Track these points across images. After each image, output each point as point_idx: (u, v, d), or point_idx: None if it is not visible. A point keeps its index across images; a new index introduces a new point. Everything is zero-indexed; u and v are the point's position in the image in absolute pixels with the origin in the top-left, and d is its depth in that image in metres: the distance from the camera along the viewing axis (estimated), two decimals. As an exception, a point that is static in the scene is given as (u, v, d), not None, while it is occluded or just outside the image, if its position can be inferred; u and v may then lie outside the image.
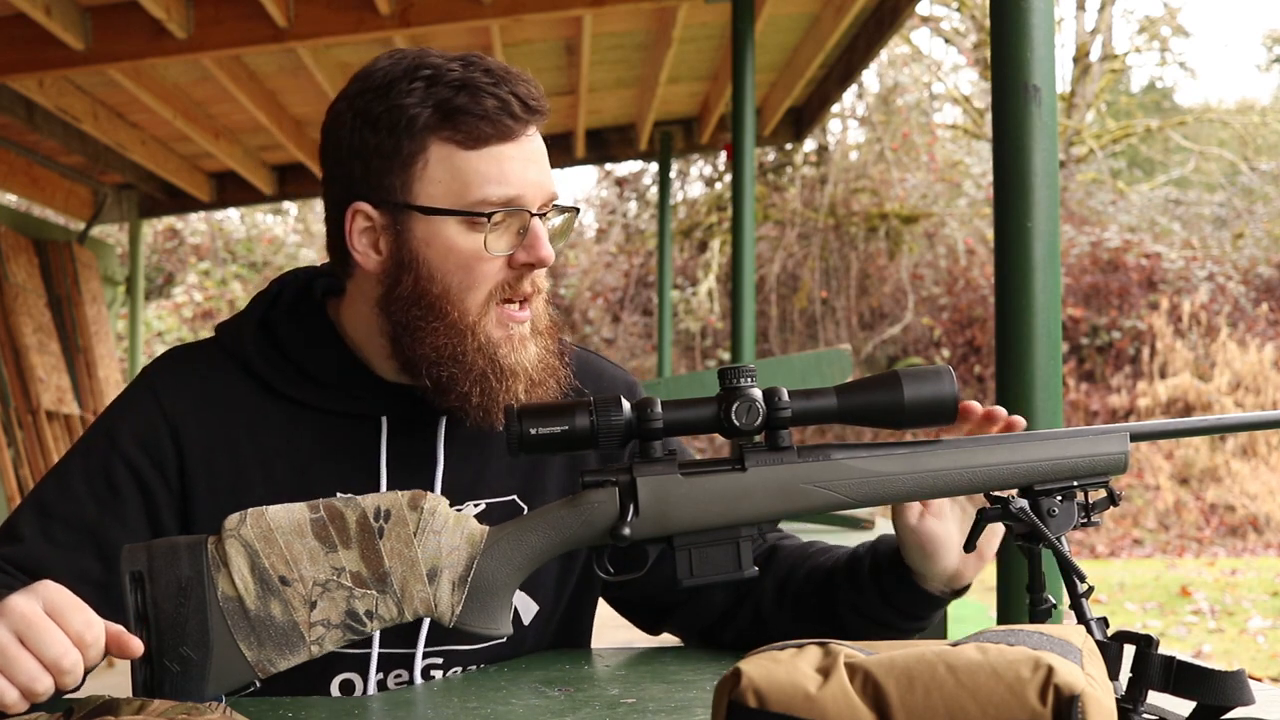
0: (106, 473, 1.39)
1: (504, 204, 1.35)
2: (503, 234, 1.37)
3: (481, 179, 1.35)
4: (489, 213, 1.35)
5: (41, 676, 1.09)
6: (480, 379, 1.37)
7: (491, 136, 1.35)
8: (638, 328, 13.37)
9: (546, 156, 1.41)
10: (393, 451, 1.42)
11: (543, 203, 1.38)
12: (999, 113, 1.85)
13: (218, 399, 1.43)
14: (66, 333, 6.82)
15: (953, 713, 0.79)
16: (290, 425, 1.42)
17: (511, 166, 1.35)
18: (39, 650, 1.09)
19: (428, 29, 4.91)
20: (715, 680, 0.88)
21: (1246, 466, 11.37)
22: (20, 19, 4.51)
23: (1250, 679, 0.98)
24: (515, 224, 1.37)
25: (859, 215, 13.34)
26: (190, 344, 1.51)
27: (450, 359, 1.36)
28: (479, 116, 1.34)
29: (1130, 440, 1.20)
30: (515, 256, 1.37)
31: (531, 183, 1.36)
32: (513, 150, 1.36)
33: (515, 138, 1.36)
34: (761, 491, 1.19)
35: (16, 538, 1.36)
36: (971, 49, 14.39)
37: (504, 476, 1.46)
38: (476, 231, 1.35)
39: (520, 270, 1.37)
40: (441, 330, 1.36)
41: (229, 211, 13.96)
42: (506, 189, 1.35)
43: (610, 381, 1.56)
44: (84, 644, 1.11)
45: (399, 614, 1.19)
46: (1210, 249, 13.39)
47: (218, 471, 1.40)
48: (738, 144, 4.98)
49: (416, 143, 1.35)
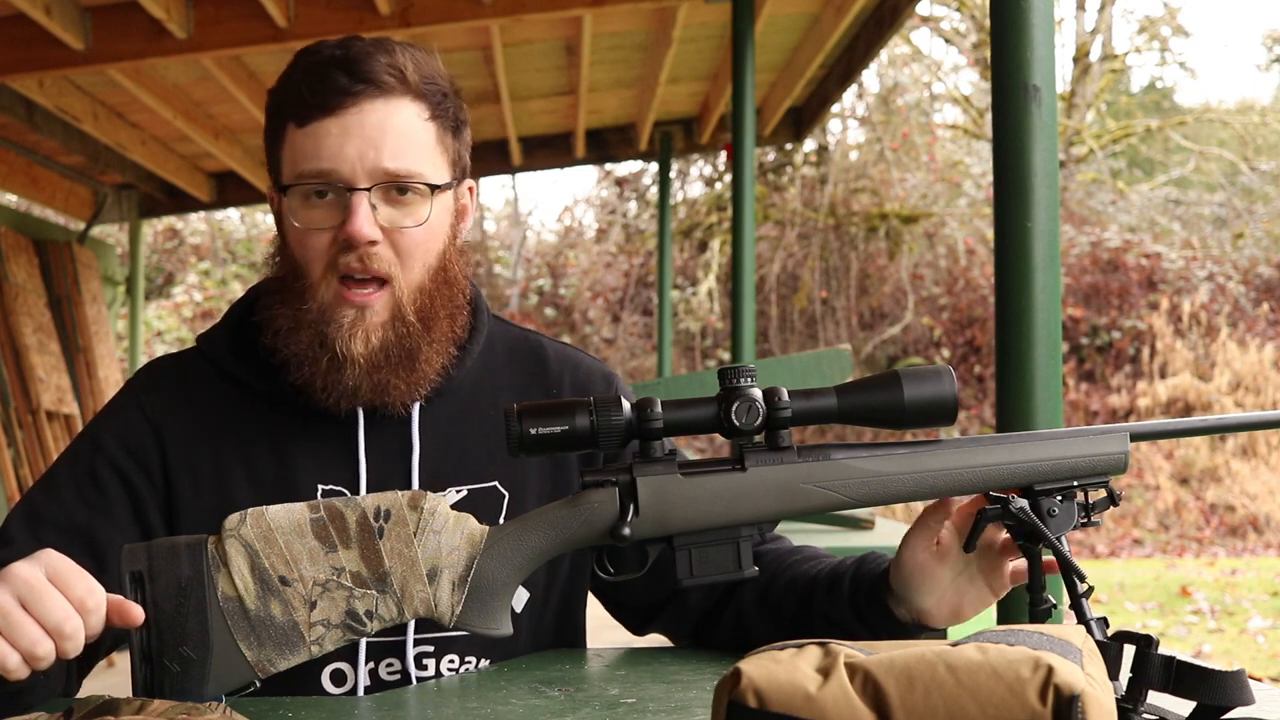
0: (93, 474, 1.41)
1: (314, 176, 1.36)
2: (327, 210, 1.37)
3: (301, 154, 1.37)
4: (285, 185, 1.38)
5: (43, 641, 1.10)
6: (306, 354, 1.38)
7: (314, 112, 1.36)
8: (638, 328, 13.37)
9: (397, 132, 1.37)
10: (370, 442, 1.44)
11: (371, 178, 1.36)
12: (999, 113, 1.85)
13: (197, 400, 1.46)
14: (66, 333, 6.82)
15: (953, 713, 0.79)
16: (270, 422, 1.44)
17: (327, 141, 1.36)
18: (41, 615, 1.10)
19: (428, 29, 4.91)
20: (715, 680, 0.88)
21: (1246, 466, 11.37)
22: (20, 19, 4.51)
23: (1250, 679, 0.98)
24: (341, 200, 1.37)
25: (859, 215, 13.34)
26: (170, 354, 1.55)
27: (279, 331, 1.40)
28: (305, 94, 1.36)
29: (1130, 440, 1.20)
30: (338, 233, 1.37)
31: (348, 156, 1.35)
32: (331, 125, 1.36)
33: (335, 112, 1.35)
34: (761, 491, 1.20)
35: (7, 541, 1.37)
36: (971, 49, 14.38)
37: (485, 463, 1.47)
38: (301, 205, 1.38)
39: (343, 245, 1.37)
40: (284, 299, 1.41)
41: (229, 211, 13.97)
42: (319, 162, 1.36)
43: (586, 372, 1.57)
44: (85, 610, 1.12)
45: (399, 614, 1.19)
46: (1210, 249, 13.39)
47: (200, 469, 1.42)
48: (738, 144, 4.98)
49: (277, 124, 1.41)
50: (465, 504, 1.44)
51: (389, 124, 1.36)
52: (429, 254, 1.41)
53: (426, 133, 1.40)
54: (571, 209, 14.77)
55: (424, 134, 1.39)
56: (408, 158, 1.37)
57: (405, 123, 1.37)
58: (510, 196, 15.40)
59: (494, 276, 13.95)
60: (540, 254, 14.41)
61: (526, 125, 7.38)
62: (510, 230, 14.67)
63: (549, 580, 1.50)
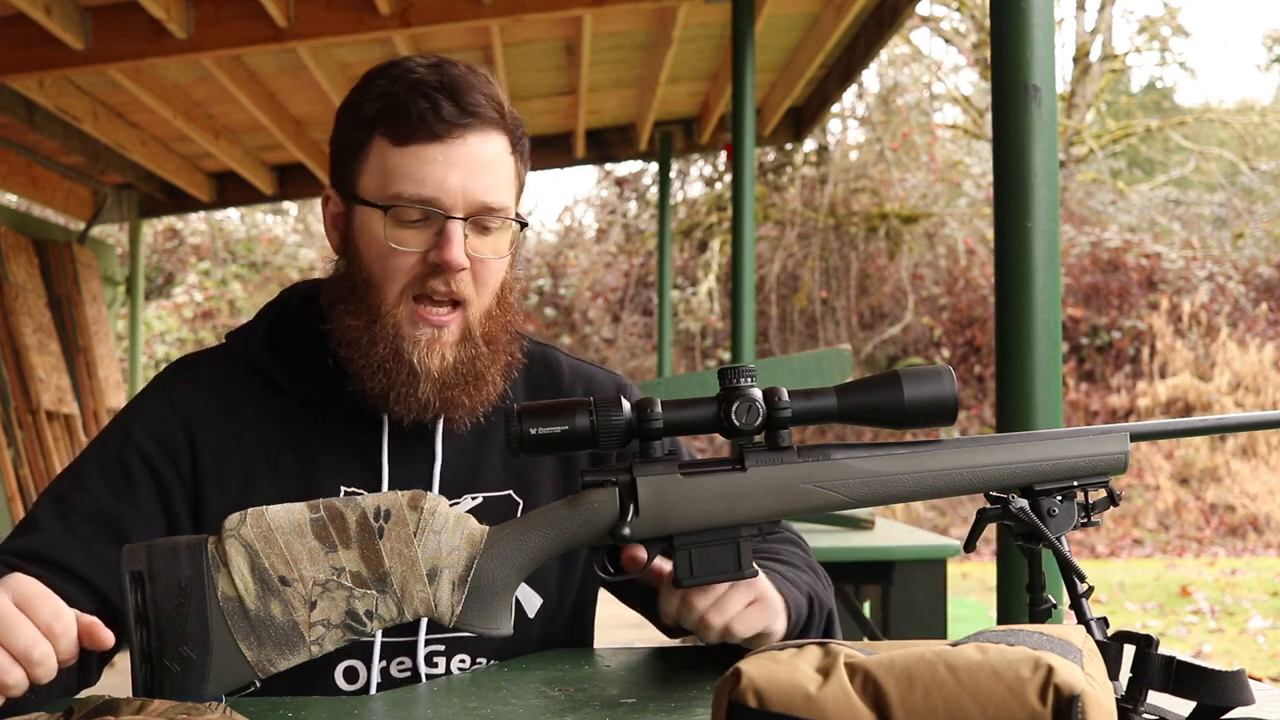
0: (122, 464, 1.42)
1: (416, 201, 1.37)
2: (419, 232, 1.39)
3: (400, 175, 1.38)
4: (387, 206, 1.38)
5: (12, 669, 1.10)
6: (380, 366, 1.40)
7: (417, 136, 1.37)
8: (638, 328, 13.36)
9: (491, 165, 1.40)
10: (394, 448, 1.46)
11: (468, 209, 1.39)
12: (999, 113, 1.85)
13: (228, 397, 1.47)
14: (66, 333, 6.83)
15: (953, 713, 0.79)
16: (297, 422, 1.46)
17: (431, 168, 1.37)
18: (8, 643, 1.10)
19: (428, 29, 4.91)
20: (715, 680, 0.88)
21: (1246, 466, 11.37)
22: (20, 19, 4.52)
23: (1250, 679, 0.98)
24: (435, 224, 1.39)
25: (859, 215, 13.34)
26: (201, 350, 1.56)
27: (354, 341, 1.41)
28: (409, 115, 1.37)
29: (1130, 440, 1.20)
30: (428, 256, 1.39)
31: (451, 186, 1.37)
32: (436, 152, 1.37)
33: (441, 140, 1.37)
34: (761, 491, 1.20)
35: (35, 527, 1.39)
36: (971, 49, 14.38)
37: (499, 472, 1.49)
38: (393, 225, 1.39)
39: (431, 269, 1.39)
40: (355, 311, 1.42)
41: (229, 211, 13.97)
42: (421, 188, 1.37)
43: (599, 386, 1.60)
44: (53, 634, 1.12)
45: (399, 614, 1.19)
46: (1210, 249, 13.39)
47: (228, 467, 1.44)
48: (738, 144, 4.98)
49: (362, 135, 1.41)
50: (480, 511, 1.46)
51: (486, 156, 1.40)
52: (498, 281, 1.45)
53: (510, 165, 1.44)
54: (571, 209, 14.77)
55: (508, 166, 1.43)
56: (498, 191, 1.41)
57: (496, 156, 1.41)
58: (510, 196, 15.38)
59: (494, 276, 13.91)
60: (540, 254, 14.41)
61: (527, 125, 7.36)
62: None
63: (561, 588, 1.51)
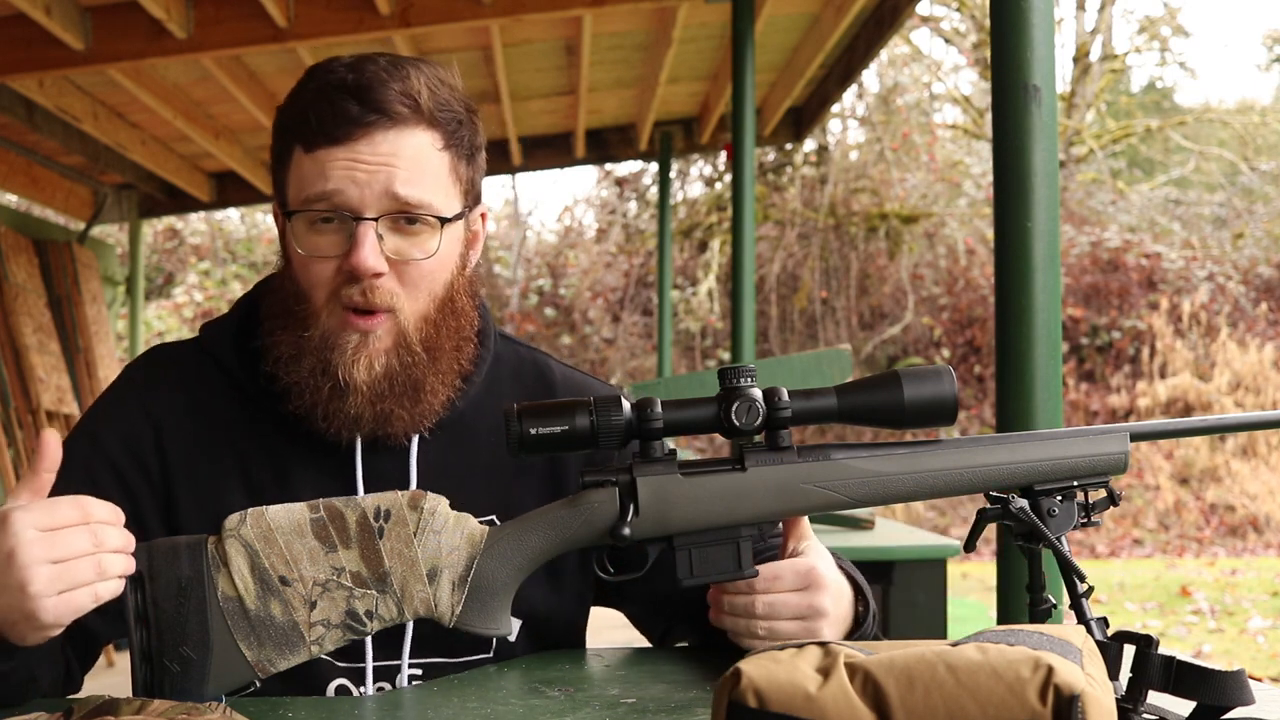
0: (90, 474, 1.38)
1: (321, 204, 1.32)
2: (331, 237, 1.33)
3: (309, 180, 1.33)
4: (289, 211, 1.35)
5: (106, 562, 1.12)
6: (306, 381, 1.35)
7: (320, 140, 1.32)
8: (638, 328, 13.36)
9: (409, 162, 1.33)
10: (368, 471, 1.41)
11: (380, 209, 1.32)
12: (999, 113, 1.85)
13: (199, 402, 1.43)
14: (66, 333, 6.82)
15: (953, 713, 0.79)
16: (270, 432, 1.41)
17: (334, 169, 1.31)
18: (72, 548, 1.11)
19: (428, 29, 4.91)
20: (715, 680, 0.88)
21: (1246, 466, 11.37)
22: (20, 19, 4.51)
23: (1250, 679, 0.98)
24: (346, 228, 1.33)
25: (859, 215, 13.33)
26: (173, 344, 1.50)
27: (287, 359, 1.36)
28: (313, 120, 1.33)
29: (1130, 440, 1.20)
30: (343, 263, 1.33)
31: (356, 185, 1.31)
32: (340, 152, 1.31)
33: (342, 142, 1.31)
34: (761, 491, 1.20)
35: None
36: (971, 49, 14.38)
37: (481, 497, 1.42)
38: (307, 232, 1.34)
39: (348, 276, 1.33)
40: (286, 324, 1.37)
41: (229, 211, 13.96)
42: (325, 188, 1.32)
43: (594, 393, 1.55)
44: (94, 518, 1.13)
45: (399, 614, 1.19)
46: (1210, 249, 13.39)
47: (198, 474, 1.40)
48: (738, 144, 4.98)
49: (282, 145, 1.38)
50: None
51: (400, 153, 1.32)
52: (436, 285, 1.37)
53: (439, 162, 1.35)
54: (571, 209, 14.77)
55: (436, 163, 1.35)
56: (418, 187, 1.33)
57: (417, 152, 1.33)
58: (510, 196, 15.38)
59: (494, 276, 13.94)
60: (540, 254, 14.41)
61: (526, 125, 7.38)
62: (510, 230, 14.67)
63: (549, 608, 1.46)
